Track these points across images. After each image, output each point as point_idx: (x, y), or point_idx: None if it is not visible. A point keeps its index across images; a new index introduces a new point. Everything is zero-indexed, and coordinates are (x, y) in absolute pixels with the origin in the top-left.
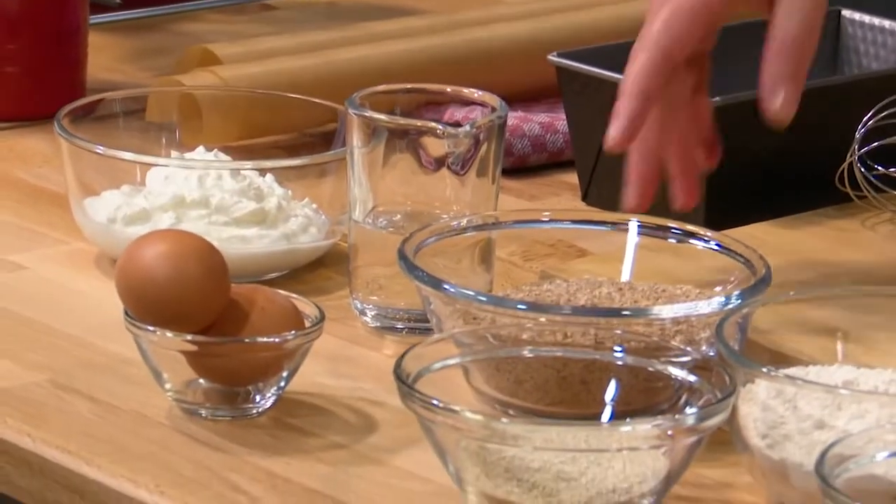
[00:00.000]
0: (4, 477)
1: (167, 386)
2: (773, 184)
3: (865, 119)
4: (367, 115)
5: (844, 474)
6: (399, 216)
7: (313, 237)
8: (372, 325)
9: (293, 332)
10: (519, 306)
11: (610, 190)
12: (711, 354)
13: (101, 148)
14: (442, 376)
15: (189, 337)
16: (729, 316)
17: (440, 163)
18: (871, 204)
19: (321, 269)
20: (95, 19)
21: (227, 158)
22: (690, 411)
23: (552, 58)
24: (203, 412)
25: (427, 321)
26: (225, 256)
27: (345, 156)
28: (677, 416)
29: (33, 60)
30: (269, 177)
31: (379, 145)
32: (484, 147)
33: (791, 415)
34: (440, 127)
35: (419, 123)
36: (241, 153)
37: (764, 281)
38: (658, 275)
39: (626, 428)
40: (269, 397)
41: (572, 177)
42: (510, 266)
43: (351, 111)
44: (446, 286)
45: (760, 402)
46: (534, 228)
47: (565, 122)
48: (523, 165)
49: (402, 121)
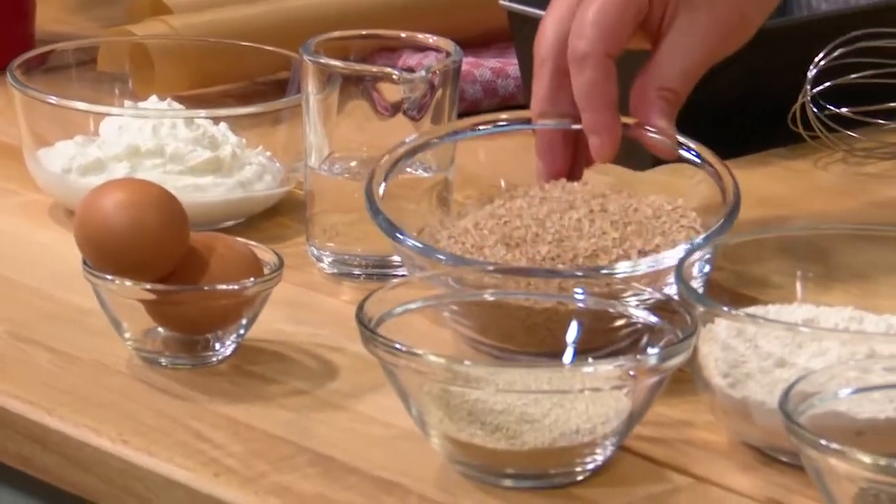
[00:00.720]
0: None
1: (127, 335)
2: (726, 125)
3: (817, 60)
4: (323, 62)
5: (808, 411)
6: (355, 162)
7: (268, 185)
8: (329, 272)
9: (252, 280)
10: (488, 268)
11: None
12: (672, 295)
13: (55, 98)
14: (404, 321)
15: (148, 286)
16: (689, 256)
17: (396, 108)
18: (824, 144)
19: (276, 217)
20: None
21: (181, 107)
22: (652, 352)
23: (504, 2)
24: (163, 361)
25: (384, 266)
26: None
27: (299, 103)
28: (639, 357)
29: None
30: (223, 125)
31: (333, 92)
32: (439, 92)
33: (752, 353)
34: (396, 73)
35: (375, 70)
36: (195, 102)
37: (730, 218)
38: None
39: (589, 369)
40: (229, 345)
41: None
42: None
43: (306, 58)
44: (409, 241)
45: (721, 342)
46: (493, 170)
47: (516, 67)
48: (475, 111)
49: (358, 67)
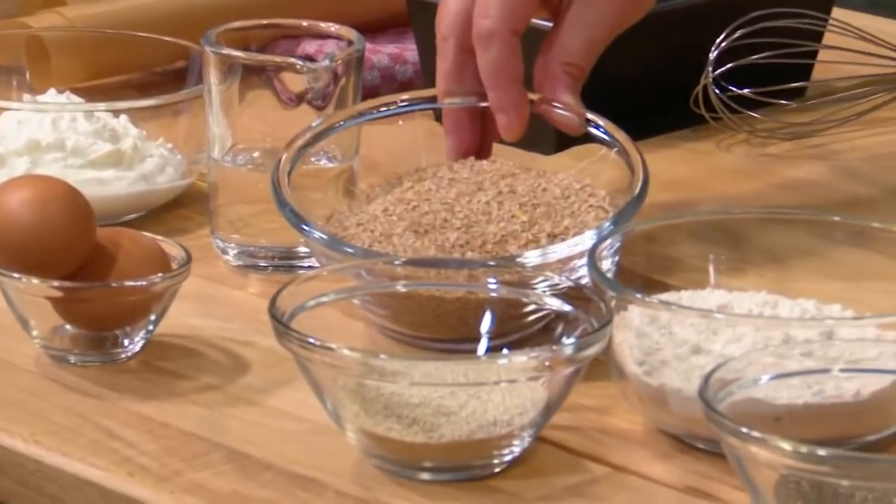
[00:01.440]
0: None
1: (34, 333)
2: (628, 107)
3: (719, 41)
4: (225, 53)
5: (727, 399)
6: (258, 153)
7: (170, 177)
8: (235, 264)
9: (160, 275)
10: (396, 262)
11: None
12: (585, 282)
13: None
14: (317, 314)
15: (55, 283)
16: (601, 242)
17: (300, 98)
18: (726, 125)
19: (179, 209)
20: None
21: (80, 100)
22: (568, 342)
23: None
24: (72, 358)
25: (291, 258)
26: None
27: (201, 94)
28: (555, 348)
29: None
30: (124, 117)
31: (235, 82)
32: (343, 81)
33: (667, 341)
34: (299, 63)
35: (278, 60)
36: (93, 94)
37: (640, 197)
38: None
39: (504, 361)
40: (138, 341)
41: None
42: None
43: (207, 49)
44: (317, 233)
45: (635, 329)
46: (397, 157)
47: (414, 53)
48: (374, 98)
49: (261, 57)
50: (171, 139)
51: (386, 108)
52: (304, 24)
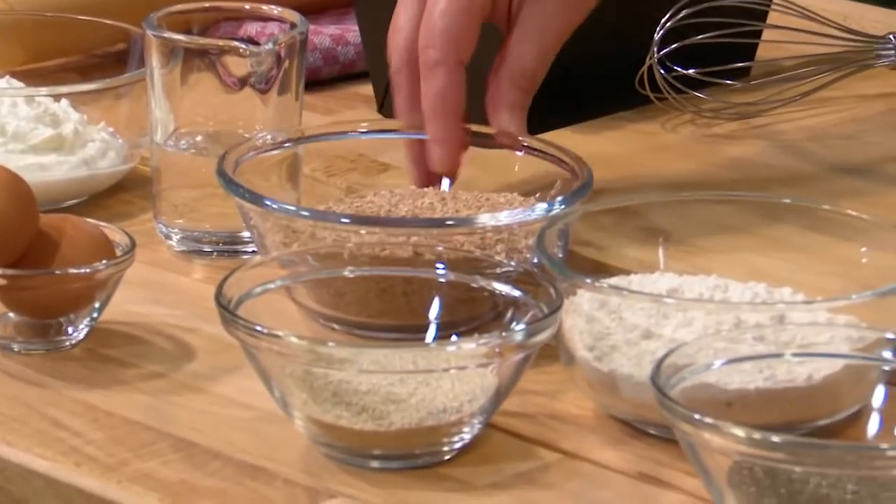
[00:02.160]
0: None
1: None
2: (571, 89)
3: (664, 20)
4: (166, 36)
5: (679, 384)
6: (201, 137)
7: (112, 161)
8: (178, 249)
9: (104, 262)
10: (343, 220)
11: None
12: (533, 267)
13: None
14: (263, 301)
15: None
16: (550, 225)
17: (243, 82)
18: (671, 105)
19: (120, 194)
20: None
21: (20, 84)
22: (518, 328)
23: None
24: (15, 347)
25: (235, 243)
26: None
27: (143, 78)
28: (504, 334)
29: None
30: (65, 102)
31: (177, 66)
32: (286, 64)
33: (617, 325)
34: (242, 46)
35: (221, 43)
36: (33, 78)
37: (586, 186)
38: (472, 185)
39: (454, 347)
40: (82, 329)
41: (366, 88)
42: (314, 182)
43: (149, 32)
44: (268, 202)
45: (585, 314)
46: (338, 141)
47: (356, 33)
48: (316, 79)
49: (203, 41)
50: (113, 123)
51: (351, 133)
52: (247, 7)
